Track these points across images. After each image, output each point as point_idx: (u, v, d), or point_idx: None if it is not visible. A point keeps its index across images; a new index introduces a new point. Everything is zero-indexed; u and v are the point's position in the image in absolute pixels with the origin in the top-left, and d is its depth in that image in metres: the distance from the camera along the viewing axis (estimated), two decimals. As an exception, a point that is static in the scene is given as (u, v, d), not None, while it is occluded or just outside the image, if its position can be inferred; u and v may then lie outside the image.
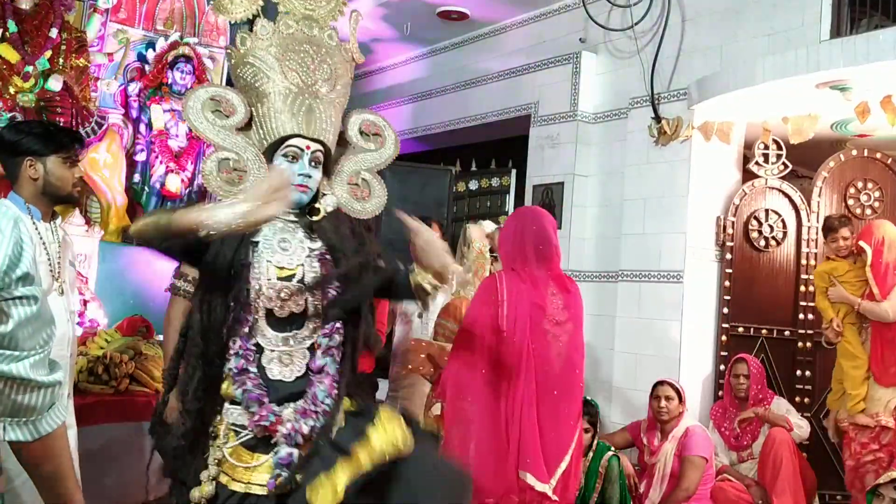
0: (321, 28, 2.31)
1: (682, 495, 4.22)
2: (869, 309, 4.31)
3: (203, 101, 2.20)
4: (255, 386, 2.05)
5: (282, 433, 2.01)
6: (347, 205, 2.30)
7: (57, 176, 2.78)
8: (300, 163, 2.17)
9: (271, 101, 2.19)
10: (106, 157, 5.31)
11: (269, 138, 2.19)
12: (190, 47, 5.70)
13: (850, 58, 4.10)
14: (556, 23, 6.28)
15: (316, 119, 2.20)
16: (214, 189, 2.15)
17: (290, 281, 2.12)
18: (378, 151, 2.38)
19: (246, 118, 2.22)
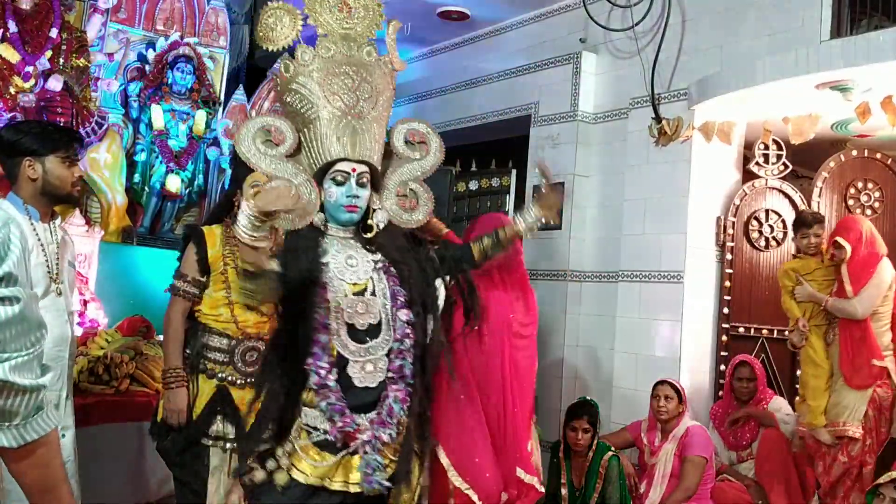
0: (360, 46, 2.41)
1: (682, 495, 4.22)
2: (838, 307, 4.17)
3: (254, 133, 2.31)
4: (337, 399, 2.21)
5: (361, 440, 2.20)
6: (397, 216, 2.42)
7: (56, 176, 2.77)
8: (347, 185, 2.30)
9: (317, 127, 2.31)
10: (106, 157, 5.31)
11: (317, 163, 2.32)
12: (190, 47, 5.71)
13: (850, 58, 4.10)
14: (557, 23, 6.28)
15: (360, 140, 2.32)
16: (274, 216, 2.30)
17: (363, 295, 2.29)
18: (423, 160, 2.48)
19: (295, 144, 2.33)
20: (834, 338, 4.24)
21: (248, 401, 3.14)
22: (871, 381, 4.09)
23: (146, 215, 5.61)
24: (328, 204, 2.34)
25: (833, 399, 4.17)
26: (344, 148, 2.30)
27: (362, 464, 2.20)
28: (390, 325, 2.30)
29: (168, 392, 3.12)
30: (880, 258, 4.20)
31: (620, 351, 5.35)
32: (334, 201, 2.32)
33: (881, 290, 4.15)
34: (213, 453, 3.12)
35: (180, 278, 3.18)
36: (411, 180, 2.45)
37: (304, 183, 2.31)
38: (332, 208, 2.33)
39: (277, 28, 2.42)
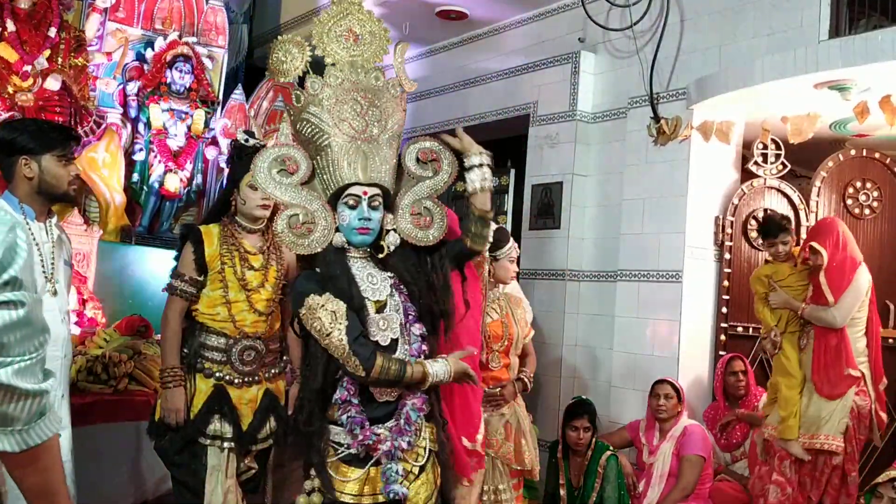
0: (367, 71, 2.49)
1: (680, 494, 4.22)
2: (816, 315, 4.02)
3: (269, 163, 2.38)
4: (357, 412, 2.32)
5: (382, 451, 2.31)
6: (412, 235, 2.47)
7: (52, 174, 2.75)
8: (359, 208, 2.38)
9: (328, 154, 2.39)
10: (104, 157, 5.31)
11: (330, 188, 2.41)
12: (189, 47, 5.70)
13: (849, 58, 4.10)
14: (555, 22, 6.28)
15: (371, 164, 2.40)
16: (288, 245, 2.39)
17: (383, 311, 2.40)
18: (436, 177, 2.51)
19: (309, 172, 2.41)
20: (807, 344, 4.10)
21: (246, 400, 3.16)
22: (843, 391, 3.95)
23: (145, 215, 5.61)
24: (342, 227, 2.41)
25: (812, 411, 3.99)
26: (354, 172, 2.38)
27: (382, 475, 2.31)
28: (406, 339, 2.41)
29: (165, 391, 3.11)
30: (858, 264, 4.08)
31: (619, 350, 5.35)
32: (347, 224, 2.39)
33: (859, 297, 4.04)
34: (210, 452, 3.12)
35: (177, 277, 3.18)
36: (425, 198, 2.50)
37: (318, 209, 2.38)
38: (345, 231, 2.41)
39: (287, 61, 2.51)
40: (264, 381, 3.25)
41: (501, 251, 3.68)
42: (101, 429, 3.98)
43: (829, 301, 3.98)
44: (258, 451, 3.29)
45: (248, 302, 3.18)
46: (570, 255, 5.73)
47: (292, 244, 2.37)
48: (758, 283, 4.26)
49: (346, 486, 2.31)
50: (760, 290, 4.24)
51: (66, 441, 2.86)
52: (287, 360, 3.44)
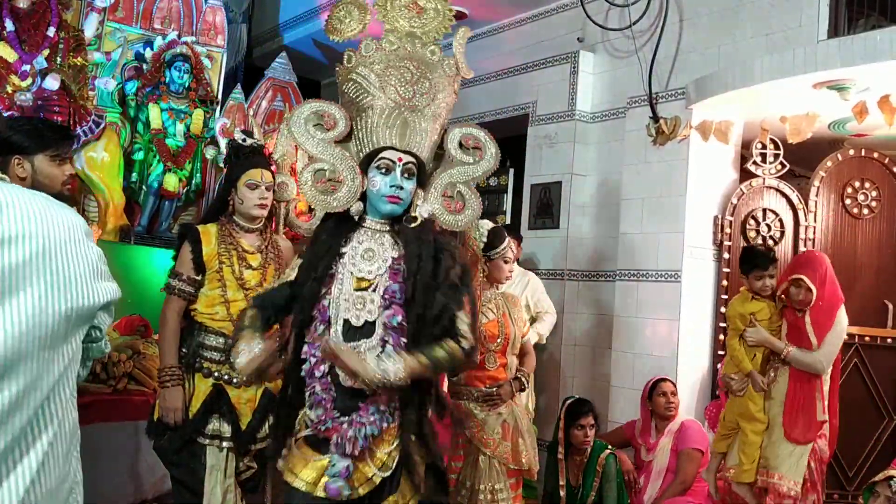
0: (424, 44, 2.39)
1: (679, 488, 4.24)
2: (800, 359, 3.73)
3: (307, 115, 2.32)
4: (323, 390, 2.21)
5: (334, 441, 2.17)
6: (440, 216, 2.35)
7: (45, 174, 2.72)
8: (392, 174, 2.26)
9: (369, 115, 2.30)
10: (103, 156, 5.30)
11: (364, 150, 2.31)
12: (188, 46, 5.69)
13: (847, 58, 4.10)
14: (554, 22, 6.28)
15: (411, 132, 2.30)
16: (309, 199, 2.30)
17: (366, 291, 2.25)
18: (476, 164, 2.42)
19: (346, 131, 2.33)
20: (774, 384, 3.82)
21: (245, 400, 3.16)
22: (813, 436, 3.73)
23: (144, 214, 5.60)
24: (371, 194, 2.30)
25: (772, 450, 3.76)
26: (391, 136, 2.29)
27: (329, 467, 2.17)
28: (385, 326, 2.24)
29: (163, 391, 3.11)
30: (841, 303, 3.84)
31: (618, 350, 5.35)
32: (377, 191, 2.27)
33: (841, 339, 3.81)
34: (209, 452, 3.12)
35: (176, 277, 3.18)
36: (461, 183, 2.39)
37: (348, 169, 2.29)
38: (374, 198, 2.29)
39: (346, 21, 2.43)
40: (264, 380, 3.25)
41: (496, 251, 3.67)
42: (100, 428, 3.98)
43: (812, 343, 3.72)
44: (257, 450, 3.29)
45: (246, 301, 3.18)
46: (569, 254, 5.74)
47: (313, 199, 2.28)
48: (738, 319, 3.88)
49: (304, 471, 2.21)
50: (740, 326, 3.87)
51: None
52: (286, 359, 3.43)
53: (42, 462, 1.36)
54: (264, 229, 3.33)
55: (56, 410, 1.40)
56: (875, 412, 5.05)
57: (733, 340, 3.90)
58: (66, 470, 1.45)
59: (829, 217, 5.18)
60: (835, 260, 5.06)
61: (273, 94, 6.50)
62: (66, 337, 1.41)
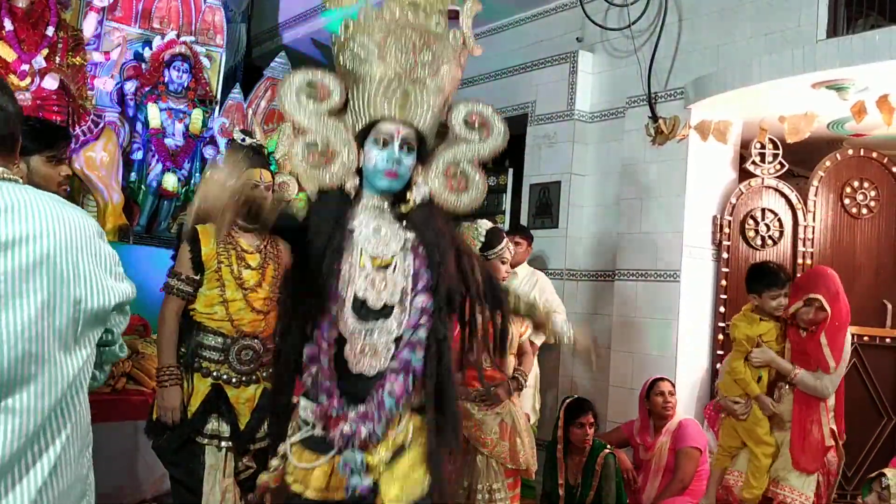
0: (427, 14, 2.21)
1: (678, 486, 4.24)
2: (807, 383, 3.56)
3: (298, 85, 2.13)
4: (326, 377, 2.02)
5: (341, 431, 2.00)
6: (441, 195, 2.19)
7: (41, 175, 2.68)
8: (390, 148, 2.10)
9: (367, 86, 2.13)
10: (102, 156, 5.31)
11: (360, 123, 2.14)
12: (187, 46, 5.70)
13: (846, 57, 4.10)
14: (553, 22, 6.28)
15: (411, 104, 2.13)
16: (300, 172, 2.13)
17: (385, 270, 2.09)
18: (483, 142, 2.24)
19: (341, 103, 2.15)
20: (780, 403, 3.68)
21: (244, 400, 3.16)
22: (820, 464, 3.59)
23: (143, 214, 5.61)
24: (367, 169, 2.13)
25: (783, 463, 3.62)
26: (391, 108, 2.11)
27: (341, 464, 2.00)
28: (406, 310, 2.09)
29: (162, 390, 3.11)
30: (848, 322, 3.67)
31: (617, 350, 5.36)
32: (373, 166, 2.11)
33: (846, 361, 3.66)
34: (208, 452, 3.12)
35: (174, 277, 3.17)
36: (465, 161, 2.21)
37: (341, 142, 2.11)
38: (370, 174, 2.12)
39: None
40: (262, 380, 3.25)
41: (493, 251, 3.66)
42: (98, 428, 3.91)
43: (829, 365, 3.53)
44: (256, 450, 3.29)
45: (245, 301, 3.18)
46: (568, 254, 5.74)
47: (304, 174, 2.11)
48: (746, 342, 3.68)
49: (311, 479, 2.01)
50: (747, 349, 3.68)
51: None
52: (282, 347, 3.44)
53: (55, 464, 1.37)
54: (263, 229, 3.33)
55: (70, 413, 1.41)
56: (874, 412, 5.05)
57: (738, 363, 3.69)
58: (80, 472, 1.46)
59: (827, 217, 5.18)
60: (834, 260, 5.08)
61: (272, 94, 6.50)
62: (79, 339, 1.41)
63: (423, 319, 2.09)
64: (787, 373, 3.59)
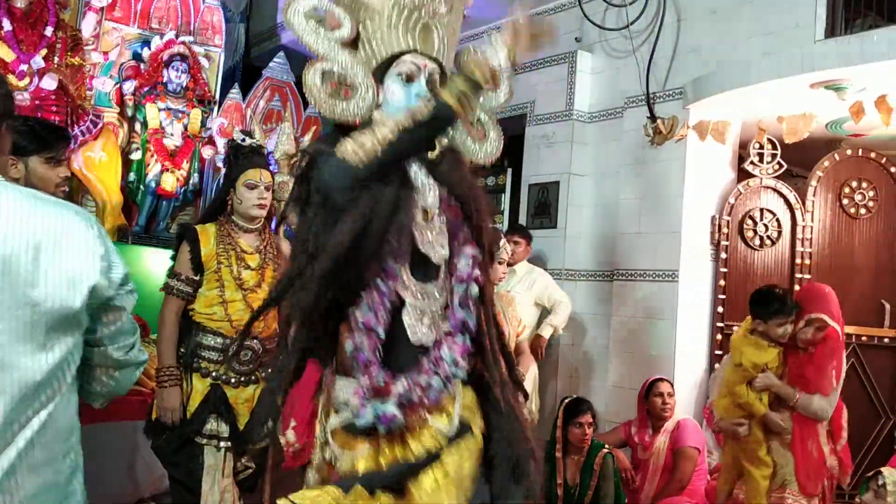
0: None
1: (676, 486, 4.25)
2: (808, 405, 3.50)
3: (306, 10, 1.90)
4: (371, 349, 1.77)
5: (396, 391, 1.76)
6: (463, 143, 2.03)
7: (39, 176, 2.67)
8: (417, 83, 1.90)
9: (379, 19, 1.91)
10: (101, 156, 5.30)
11: (378, 56, 1.92)
12: (185, 46, 5.69)
13: (844, 58, 4.11)
14: (552, 22, 6.26)
15: (434, 38, 1.96)
16: (318, 102, 1.86)
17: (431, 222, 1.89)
18: (496, 93, 2.11)
19: (352, 35, 1.93)
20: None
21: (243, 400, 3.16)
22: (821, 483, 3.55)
23: (141, 214, 5.60)
24: (390, 107, 1.89)
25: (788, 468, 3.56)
26: (415, 41, 1.92)
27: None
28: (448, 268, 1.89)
29: (161, 391, 3.12)
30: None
31: (615, 350, 5.36)
32: (397, 102, 1.89)
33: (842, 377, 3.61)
34: (207, 452, 3.12)
35: (174, 277, 3.18)
36: (482, 110, 2.07)
37: (360, 73, 1.88)
38: (395, 112, 1.86)
39: None
40: (261, 380, 3.25)
41: None
42: (97, 428, 3.96)
43: (830, 388, 3.49)
44: (255, 450, 3.29)
45: (244, 301, 3.18)
46: (567, 254, 5.74)
47: (322, 103, 1.85)
48: (753, 369, 3.59)
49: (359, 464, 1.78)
50: (753, 375, 3.58)
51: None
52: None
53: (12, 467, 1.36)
54: (263, 229, 3.33)
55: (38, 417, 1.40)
56: (872, 412, 5.06)
57: (741, 388, 3.59)
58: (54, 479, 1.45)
59: (826, 217, 5.19)
60: (832, 260, 5.10)
61: (271, 94, 6.50)
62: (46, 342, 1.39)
63: (476, 273, 1.90)
64: (790, 398, 3.52)
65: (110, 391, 1.68)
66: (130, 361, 1.65)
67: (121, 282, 1.52)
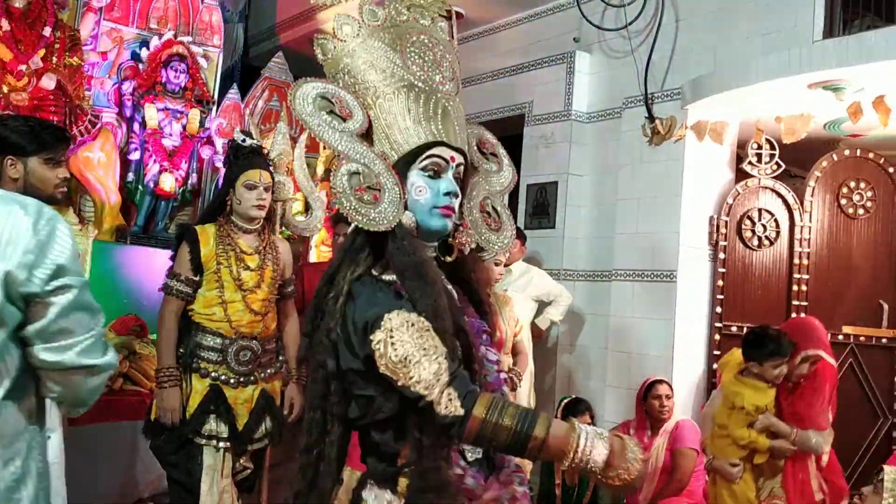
0: (433, 19, 1.85)
1: (675, 487, 4.24)
2: (804, 442, 3.46)
3: (314, 98, 1.69)
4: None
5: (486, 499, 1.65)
6: (483, 236, 1.83)
7: (37, 177, 2.66)
8: (445, 179, 1.69)
9: (394, 102, 1.70)
10: (100, 156, 5.30)
11: (399, 149, 1.69)
12: (184, 46, 5.69)
13: (842, 58, 4.11)
14: (551, 22, 6.29)
15: (453, 125, 1.73)
16: (349, 212, 1.60)
17: None
18: (500, 173, 1.94)
19: (365, 123, 1.70)
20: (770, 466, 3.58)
21: (242, 401, 3.16)
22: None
23: (140, 214, 5.60)
24: (414, 206, 1.68)
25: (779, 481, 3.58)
26: (439, 130, 1.69)
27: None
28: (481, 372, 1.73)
29: (161, 391, 3.12)
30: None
31: (614, 350, 5.36)
32: (424, 202, 1.67)
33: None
34: (206, 452, 3.12)
35: (173, 277, 3.18)
36: (495, 196, 1.89)
37: (385, 173, 1.65)
38: (419, 210, 1.68)
39: None
40: (260, 381, 3.26)
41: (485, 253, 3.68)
42: (96, 428, 3.98)
43: (828, 420, 3.47)
44: (254, 450, 3.30)
45: (244, 302, 3.19)
46: (565, 254, 5.75)
47: (355, 212, 1.59)
48: (754, 411, 3.51)
49: None
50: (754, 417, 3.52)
51: (56, 442, 2.84)
52: (283, 360, 3.45)
53: None
54: (262, 230, 3.34)
55: None
56: (870, 412, 5.07)
57: (742, 430, 3.51)
58: None
59: (824, 217, 5.19)
60: (830, 260, 5.11)
61: (269, 94, 6.50)
62: None
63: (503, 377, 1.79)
64: (787, 435, 3.47)
65: (63, 398, 1.57)
66: (66, 364, 1.50)
67: (49, 278, 1.43)
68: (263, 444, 3.31)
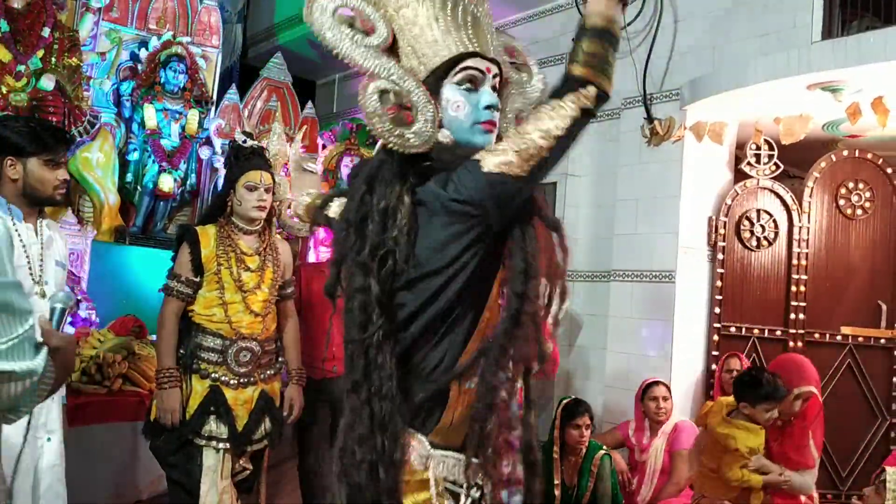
0: None
1: (673, 489, 4.25)
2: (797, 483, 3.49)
3: (331, 10, 1.54)
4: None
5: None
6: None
7: (36, 178, 2.67)
8: (484, 91, 1.58)
9: (422, 9, 1.57)
10: (98, 157, 5.30)
11: (429, 63, 1.57)
12: (183, 46, 5.70)
13: (841, 59, 4.12)
14: (550, 23, 6.29)
15: (485, 33, 1.61)
16: (382, 132, 1.51)
17: None
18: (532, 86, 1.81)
19: (389, 37, 1.58)
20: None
21: (242, 402, 3.16)
22: None
23: (139, 215, 5.60)
24: (452, 122, 1.57)
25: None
26: (471, 40, 1.57)
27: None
28: None
29: (161, 392, 3.12)
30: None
31: (613, 350, 5.37)
32: (464, 115, 1.57)
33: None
34: (206, 453, 3.12)
35: (174, 278, 3.18)
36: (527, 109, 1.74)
37: (415, 89, 1.53)
38: (458, 128, 1.57)
39: None
40: (260, 382, 3.25)
41: None
42: (95, 429, 3.98)
43: (815, 459, 3.51)
44: (253, 451, 3.30)
45: (244, 303, 3.19)
46: (564, 255, 5.74)
47: (388, 133, 1.50)
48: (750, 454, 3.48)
49: None
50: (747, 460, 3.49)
51: (56, 443, 2.84)
52: (283, 361, 3.45)
53: None
54: (263, 231, 3.34)
55: None
56: (868, 412, 5.07)
57: (735, 472, 3.46)
58: None
59: (823, 218, 5.20)
60: (828, 260, 5.11)
61: (268, 95, 6.51)
62: None
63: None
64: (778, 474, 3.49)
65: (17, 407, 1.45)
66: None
67: None
68: (263, 445, 3.31)
